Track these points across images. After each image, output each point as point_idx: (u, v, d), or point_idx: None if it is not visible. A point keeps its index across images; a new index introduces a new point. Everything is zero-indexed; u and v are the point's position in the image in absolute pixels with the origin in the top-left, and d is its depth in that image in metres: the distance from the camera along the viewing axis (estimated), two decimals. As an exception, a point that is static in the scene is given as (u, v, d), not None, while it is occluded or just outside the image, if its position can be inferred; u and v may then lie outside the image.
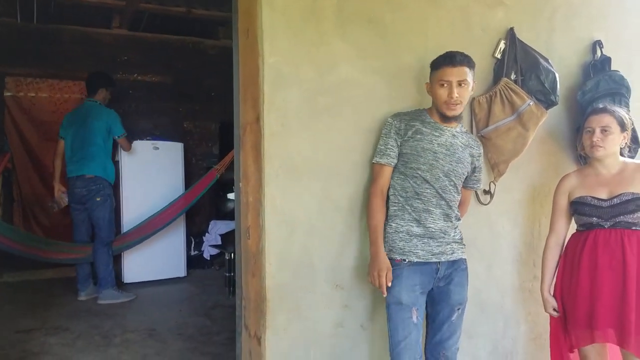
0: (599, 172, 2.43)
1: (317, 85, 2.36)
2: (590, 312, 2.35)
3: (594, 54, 2.93)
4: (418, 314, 2.24)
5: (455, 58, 2.18)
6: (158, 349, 3.62)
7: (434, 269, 2.28)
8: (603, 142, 2.35)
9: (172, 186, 5.50)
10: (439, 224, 2.28)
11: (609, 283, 2.31)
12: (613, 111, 2.39)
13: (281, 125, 2.32)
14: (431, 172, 2.25)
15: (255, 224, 2.41)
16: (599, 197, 2.37)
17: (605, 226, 2.34)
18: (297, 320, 2.40)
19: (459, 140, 2.31)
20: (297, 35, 2.32)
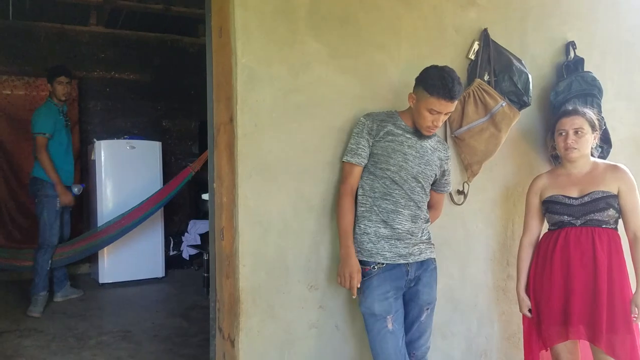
0: (570, 172, 2.46)
1: (290, 85, 2.35)
2: (564, 309, 2.38)
3: (567, 55, 2.96)
4: (394, 320, 2.23)
5: (455, 92, 2.13)
6: (132, 351, 3.59)
7: (404, 272, 2.28)
8: (577, 144, 2.38)
9: (149, 187, 5.42)
10: (406, 225, 2.27)
11: (581, 280, 2.34)
12: (584, 113, 2.42)
13: (254, 125, 2.31)
14: (400, 174, 2.25)
15: (229, 224, 2.39)
16: (570, 196, 2.40)
17: (576, 224, 2.38)
18: (271, 321, 2.39)
19: (428, 144, 2.32)
20: (270, 35, 2.31)
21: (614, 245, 2.36)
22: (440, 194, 2.51)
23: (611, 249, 2.35)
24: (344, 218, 2.26)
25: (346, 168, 2.32)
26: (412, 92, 2.25)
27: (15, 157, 5.95)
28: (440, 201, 2.54)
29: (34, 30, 5.96)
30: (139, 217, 5.08)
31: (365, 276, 2.24)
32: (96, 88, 6.25)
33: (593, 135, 2.42)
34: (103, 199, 5.37)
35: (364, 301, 2.25)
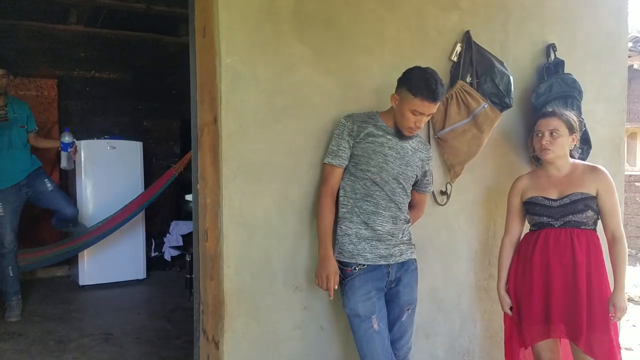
0: (550, 174, 2.49)
1: (275, 86, 2.35)
2: (545, 308, 2.42)
3: (547, 57, 3.00)
4: (379, 320, 2.24)
5: (438, 94, 2.16)
6: (114, 354, 3.54)
7: (385, 272, 2.29)
8: (552, 145, 2.42)
9: (130, 188, 5.36)
10: (387, 226, 2.28)
11: (560, 280, 2.38)
12: (561, 114, 2.45)
13: (239, 126, 2.30)
14: (381, 175, 2.25)
15: (214, 226, 2.38)
16: (550, 197, 2.44)
17: (556, 225, 2.41)
18: (255, 323, 2.38)
19: (409, 145, 2.32)
20: (254, 36, 2.30)
21: (592, 246, 2.39)
22: (422, 194, 2.52)
23: (590, 249, 2.38)
24: (323, 219, 2.27)
25: (327, 169, 2.32)
26: (395, 93, 2.25)
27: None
28: (422, 201, 2.55)
29: (12, 29, 5.84)
30: (120, 221, 4.98)
31: (346, 277, 2.26)
32: (76, 87, 6.16)
33: (571, 137, 2.45)
34: (83, 200, 5.29)
35: (347, 303, 2.27)
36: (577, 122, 2.48)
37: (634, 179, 8.49)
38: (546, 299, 2.42)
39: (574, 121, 2.46)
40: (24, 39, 5.91)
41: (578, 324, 2.34)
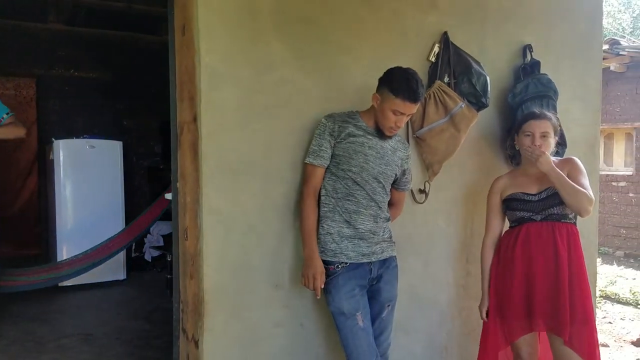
0: (529, 172, 2.53)
1: (255, 85, 2.36)
2: (527, 302, 2.45)
3: (524, 58, 3.05)
4: (363, 316, 2.27)
5: (419, 94, 2.20)
6: (94, 355, 3.53)
7: (367, 270, 2.33)
8: (544, 147, 2.45)
9: (110, 187, 5.33)
10: (368, 225, 2.31)
11: (543, 274, 2.41)
12: (550, 117, 2.51)
13: (218, 124, 2.31)
14: (362, 175, 2.28)
15: (193, 224, 2.39)
16: (529, 193, 2.48)
17: (537, 219, 2.45)
18: (235, 321, 2.39)
19: (388, 144, 2.36)
20: (234, 34, 2.31)
21: (572, 240, 2.43)
22: (401, 192, 2.56)
23: (570, 242, 2.42)
24: (307, 219, 2.29)
25: (308, 169, 2.33)
26: (376, 93, 2.28)
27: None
28: (401, 199, 2.59)
29: (-11, 27, 5.78)
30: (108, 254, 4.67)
31: (330, 275, 2.28)
32: (55, 86, 6.11)
33: (555, 138, 2.52)
34: (62, 200, 5.24)
35: (332, 301, 2.28)
36: (559, 125, 2.56)
37: (610, 178, 8.64)
38: (528, 292, 2.44)
39: (558, 124, 2.54)
40: (2, 37, 5.84)
41: (561, 316, 2.36)
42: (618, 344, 4.53)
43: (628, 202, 8.43)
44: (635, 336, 4.59)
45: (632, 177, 8.41)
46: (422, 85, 2.24)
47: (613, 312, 5.49)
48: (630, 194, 8.41)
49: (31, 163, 6.59)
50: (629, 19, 17.80)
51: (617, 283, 6.44)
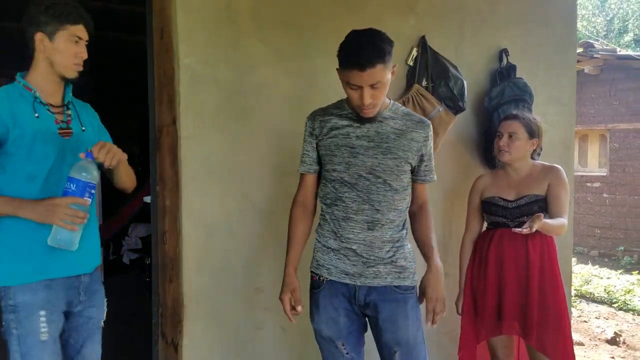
0: (509, 175, 2.55)
1: (235, 87, 2.36)
2: (498, 305, 2.48)
3: (500, 62, 3.09)
4: (347, 345, 1.92)
5: (361, 61, 1.70)
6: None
7: (351, 293, 1.90)
8: (509, 147, 2.47)
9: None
10: (360, 234, 1.88)
11: (513, 278, 2.45)
12: (522, 118, 2.49)
13: (198, 127, 2.31)
14: (349, 172, 1.88)
15: (172, 228, 2.37)
16: (506, 199, 2.50)
17: (511, 225, 2.46)
18: (215, 325, 2.39)
19: (389, 126, 1.88)
20: (213, 37, 2.31)
21: (546, 247, 2.46)
22: (421, 185, 2.00)
23: (544, 249, 2.45)
24: (291, 231, 2.00)
25: (300, 178, 2.05)
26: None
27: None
28: (422, 196, 2.02)
29: (-38, 26, 5.65)
30: None
31: (314, 288, 1.98)
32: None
33: (532, 141, 2.49)
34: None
35: (312, 319, 1.98)
36: (539, 127, 2.52)
37: (585, 179, 8.81)
38: (499, 296, 2.48)
39: (536, 126, 2.50)
40: (-25, 37, 5.72)
41: (529, 321, 2.41)
42: (593, 342, 4.62)
43: (602, 203, 8.61)
44: (610, 334, 4.69)
45: (606, 178, 8.59)
46: (375, 49, 1.72)
47: (588, 311, 5.59)
48: (605, 195, 8.59)
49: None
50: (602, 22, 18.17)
51: (592, 282, 6.56)
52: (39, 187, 1.74)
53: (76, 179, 1.69)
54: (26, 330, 1.71)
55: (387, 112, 1.90)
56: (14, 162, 1.72)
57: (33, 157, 1.73)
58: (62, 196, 1.68)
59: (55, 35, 1.78)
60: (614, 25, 17.79)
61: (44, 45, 1.77)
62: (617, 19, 17.87)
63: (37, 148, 1.73)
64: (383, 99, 1.84)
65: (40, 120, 1.77)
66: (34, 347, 1.72)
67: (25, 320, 1.71)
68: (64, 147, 1.80)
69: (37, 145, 1.73)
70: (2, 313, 1.72)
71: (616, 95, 8.39)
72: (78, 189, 1.69)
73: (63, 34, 1.78)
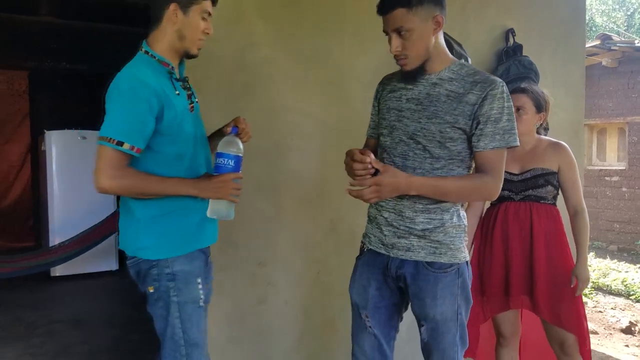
0: (514, 149, 2.49)
1: (236, 64, 2.40)
2: (505, 280, 2.46)
3: (507, 42, 3.08)
4: (371, 318, 1.80)
5: (380, 4, 1.66)
6: (83, 338, 3.56)
7: (384, 264, 1.79)
8: (516, 121, 2.43)
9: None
10: (390, 202, 1.75)
11: (519, 252, 2.42)
12: (530, 92, 2.43)
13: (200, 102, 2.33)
14: (392, 136, 1.76)
15: (176, 202, 2.41)
16: (511, 172, 2.46)
17: (516, 199, 2.45)
18: (219, 298, 2.40)
19: (443, 88, 1.69)
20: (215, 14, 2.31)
21: (552, 219, 2.43)
22: (481, 153, 1.69)
23: (549, 222, 2.42)
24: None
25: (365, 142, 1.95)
26: None
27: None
28: (487, 165, 1.70)
29: (-19, 20, 5.80)
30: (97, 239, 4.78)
31: (359, 255, 1.90)
32: (47, 79, 6.14)
33: (539, 115, 2.44)
34: (54, 191, 5.27)
35: (349, 284, 1.90)
36: (547, 101, 2.47)
37: (603, 173, 8.67)
38: (506, 270, 2.45)
39: (544, 100, 2.45)
40: (-6, 30, 5.86)
41: (539, 294, 2.38)
42: (607, 331, 4.56)
43: (621, 197, 8.46)
44: (625, 324, 4.63)
45: (625, 172, 8.44)
46: None
47: (604, 302, 5.51)
48: (624, 189, 8.45)
49: (24, 156, 6.62)
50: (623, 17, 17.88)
51: (610, 275, 6.47)
52: (186, 165, 1.75)
53: (229, 154, 1.72)
54: (185, 298, 1.73)
55: (445, 73, 1.70)
56: (165, 143, 1.70)
57: (181, 136, 1.72)
58: (218, 172, 1.71)
59: (190, 9, 1.71)
60: (635, 20, 17.49)
61: (176, 17, 1.71)
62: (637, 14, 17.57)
63: (184, 127, 1.72)
64: (420, 51, 1.66)
65: (180, 98, 1.75)
66: (193, 313, 1.75)
67: (184, 288, 1.73)
68: (195, 123, 1.82)
69: (184, 124, 1.73)
70: (155, 282, 1.72)
71: (635, 88, 8.24)
72: (235, 164, 1.73)
73: (197, 8, 1.72)
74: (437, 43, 1.69)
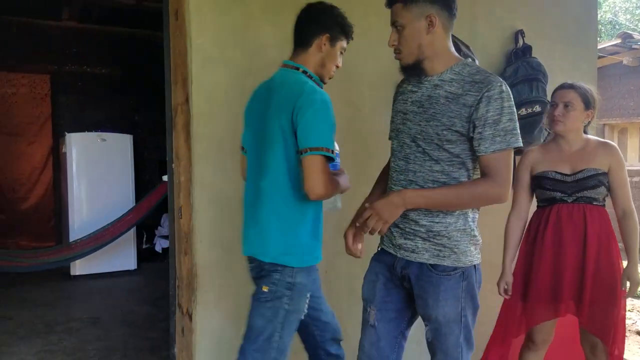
0: (562, 148, 2.40)
1: (245, 67, 2.43)
2: (553, 286, 2.35)
3: (516, 43, 3.08)
4: (377, 313, 1.81)
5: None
6: (100, 335, 3.64)
7: (391, 263, 1.81)
8: (564, 118, 2.33)
9: (121, 180, 5.49)
10: None
11: (573, 257, 2.32)
12: (579, 88, 2.36)
13: (210, 105, 2.39)
14: (397, 139, 1.79)
15: (187, 203, 2.47)
16: (563, 172, 2.36)
17: (568, 201, 2.34)
18: (228, 296, 2.47)
19: (443, 90, 1.68)
20: (224, 18, 2.40)
21: (604, 222, 2.35)
22: (484, 157, 1.64)
23: (602, 225, 2.34)
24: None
25: None
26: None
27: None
28: (489, 170, 1.64)
29: (4, 25, 5.96)
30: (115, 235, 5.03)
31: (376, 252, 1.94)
32: (68, 83, 6.27)
33: (587, 112, 2.36)
34: (74, 192, 5.39)
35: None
36: (595, 98, 2.39)
37: (624, 173, 8.53)
38: (555, 276, 2.33)
39: (592, 97, 2.37)
40: (17, 35, 6.02)
41: (583, 299, 2.30)
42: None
43: (642, 197, 8.33)
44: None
45: (646, 172, 8.31)
46: None
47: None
48: (645, 189, 8.31)
49: (46, 158, 6.78)
50: (647, 14, 17.54)
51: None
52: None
53: (338, 152, 1.96)
54: (294, 308, 1.86)
55: (447, 74, 1.68)
56: None
57: None
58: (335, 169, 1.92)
59: (336, 43, 1.95)
60: (660, 18, 17.16)
61: (325, 46, 1.93)
62: (663, 11, 17.23)
63: None
64: (411, 48, 1.68)
65: None
66: (294, 323, 1.89)
67: (297, 299, 1.85)
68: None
69: None
70: (272, 285, 1.86)
71: (657, 87, 8.13)
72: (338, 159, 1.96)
73: (340, 44, 1.97)
74: (435, 43, 1.69)
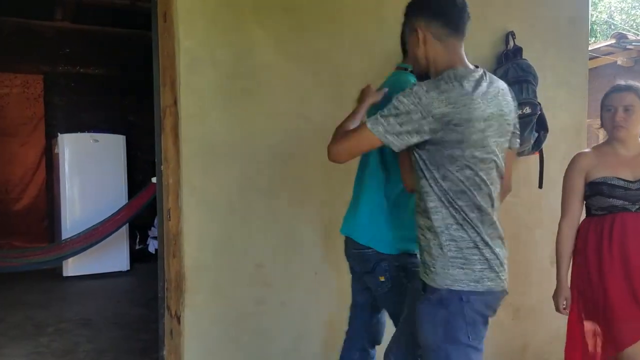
0: (619, 153, 2.25)
1: (234, 69, 2.43)
2: (633, 302, 2.16)
3: (507, 44, 3.07)
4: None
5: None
6: (91, 337, 3.64)
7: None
8: (626, 122, 2.19)
9: (113, 181, 5.48)
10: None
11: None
12: (637, 89, 2.22)
13: (198, 107, 2.38)
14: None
15: (175, 205, 2.46)
16: (626, 179, 2.18)
17: (632, 210, 2.17)
18: (216, 299, 2.46)
19: None
20: (213, 19, 2.39)
21: None
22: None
23: None
24: None
25: None
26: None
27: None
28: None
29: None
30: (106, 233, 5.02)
31: None
32: (61, 83, 6.26)
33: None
34: (67, 193, 5.38)
35: None
36: None
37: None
38: (633, 291, 2.16)
39: None
40: (10, 35, 6.00)
41: None
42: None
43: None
44: None
45: (639, 172, 8.32)
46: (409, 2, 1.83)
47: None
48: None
49: (39, 158, 6.76)
50: (642, 15, 17.58)
51: None
52: None
53: None
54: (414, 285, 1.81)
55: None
56: None
57: None
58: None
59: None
60: (655, 18, 17.19)
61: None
62: (658, 12, 17.27)
63: None
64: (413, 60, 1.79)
65: None
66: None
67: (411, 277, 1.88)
68: None
69: None
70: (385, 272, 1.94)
71: (651, 87, 8.13)
72: None
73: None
74: (429, 54, 1.75)
